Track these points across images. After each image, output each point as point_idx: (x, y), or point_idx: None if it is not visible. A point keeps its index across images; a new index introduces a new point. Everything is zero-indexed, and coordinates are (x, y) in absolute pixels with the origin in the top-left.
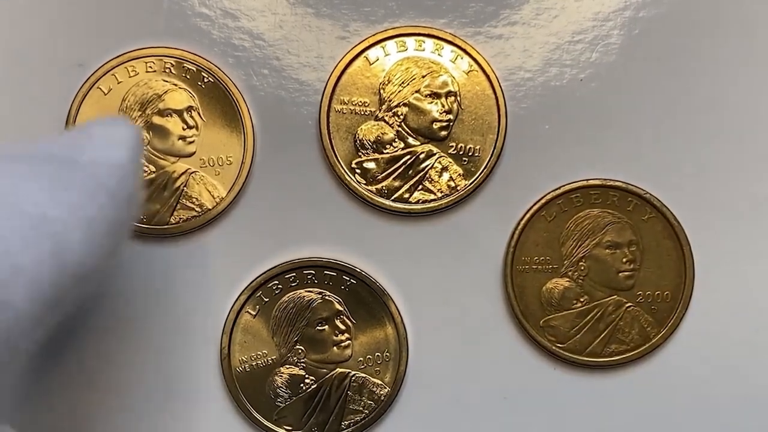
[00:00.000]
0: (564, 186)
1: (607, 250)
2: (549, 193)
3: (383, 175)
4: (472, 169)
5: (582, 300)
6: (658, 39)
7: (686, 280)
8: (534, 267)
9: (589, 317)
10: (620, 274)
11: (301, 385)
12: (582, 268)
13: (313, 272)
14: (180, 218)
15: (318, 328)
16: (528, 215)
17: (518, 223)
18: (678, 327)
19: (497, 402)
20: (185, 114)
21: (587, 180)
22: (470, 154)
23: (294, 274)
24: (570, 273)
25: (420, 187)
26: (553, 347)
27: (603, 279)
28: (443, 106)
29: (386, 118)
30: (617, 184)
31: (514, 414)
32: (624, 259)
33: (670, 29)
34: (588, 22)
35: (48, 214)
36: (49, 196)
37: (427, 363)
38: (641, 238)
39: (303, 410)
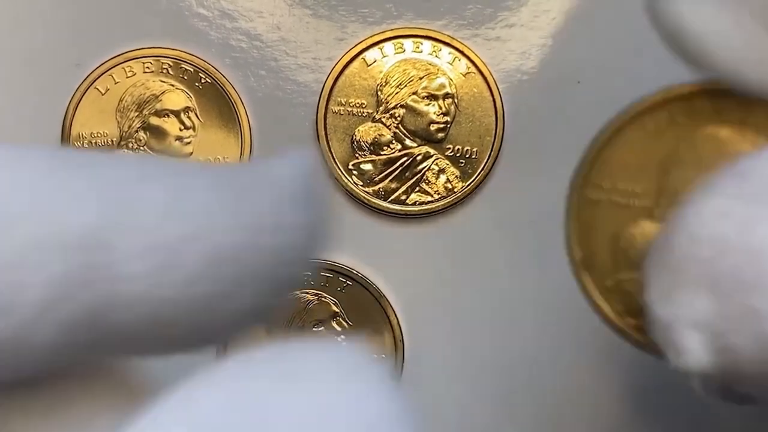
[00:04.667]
0: None
1: None
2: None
3: (380, 176)
4: (469, 171)
5: None
6: None
7: None
8: None
9: None
10: None
11: None
12: None
13: (309, 274)
14: None
15: (314, 330)
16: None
17: None
18: None
19: (495, 403)
20: (182, 115)
21: None
22: (467, 156)
23: None
24: None
25: (417, 189)
26: None
27: None
28: (440, 108)
29: (383, 120)
30: None
31: (514, 416)
32: None
33: None
34: None
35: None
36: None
37: (423, 365)
38: None
39: None
